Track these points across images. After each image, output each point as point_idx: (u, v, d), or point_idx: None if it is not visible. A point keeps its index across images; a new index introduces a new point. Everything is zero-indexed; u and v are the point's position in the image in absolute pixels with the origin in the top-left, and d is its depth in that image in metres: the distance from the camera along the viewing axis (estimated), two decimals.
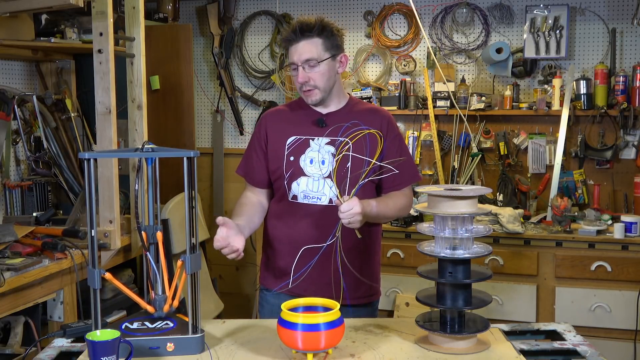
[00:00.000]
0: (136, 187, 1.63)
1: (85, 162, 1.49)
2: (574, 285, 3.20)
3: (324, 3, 4.06)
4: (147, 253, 1.65)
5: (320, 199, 2.02)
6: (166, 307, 1.63)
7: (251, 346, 1.60)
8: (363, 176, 1.93)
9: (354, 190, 1.87)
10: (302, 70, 1.99)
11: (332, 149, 2.02)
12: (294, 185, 2.04)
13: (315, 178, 2.02)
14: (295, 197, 2.05)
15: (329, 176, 2.00)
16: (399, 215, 2.13)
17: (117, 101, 2.76)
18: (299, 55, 1.98)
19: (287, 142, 2.06)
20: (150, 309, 1.64)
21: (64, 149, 3.23)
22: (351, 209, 1.80)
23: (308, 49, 1.98)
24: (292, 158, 2.05)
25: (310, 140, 2.05)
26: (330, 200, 2.01)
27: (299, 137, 2.06)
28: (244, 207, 2.09)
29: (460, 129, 3.75)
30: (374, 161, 1.97)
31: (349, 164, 1.98)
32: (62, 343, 1.68)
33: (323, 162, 2.02)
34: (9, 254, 2.48)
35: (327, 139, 2.03)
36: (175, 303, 1.65)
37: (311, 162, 2.03)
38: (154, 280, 1.65)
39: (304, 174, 2.03)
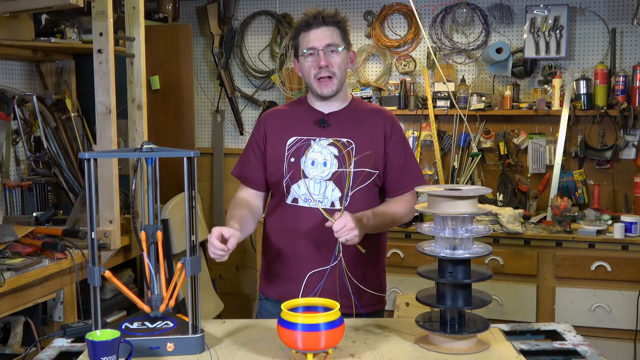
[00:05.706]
0: (133, 187, 1.63)
1: (85, 162, 1.49)
2: (574, 285, 3.20)
3: (324, 3, 4.05)
4: (144, 253, 1.65)
5: (321, 202, 1.95)
6: (162, 307, 1.63)
7: (251, 346, 1.60)
8: (346, 187, 1.91)
9: (342, 206, 1.82)
10: (324, 54, 1.95)
11: (335, 150, 1.96)
12: (294, 187, 1.97)
13: (317, 180, 1.96)
14: (295, 200, 1.98)
15: (331, 178, 1.95)
16: (400, 222, 2.06)
17: (117, 101, 2.77)
18: (321, 39, 1.95)
19: (288, 143, 2.00)
20: (146, 308, 1.64)
21: (64, 149, 3.22)
22: (344, 226, 1.75)
23: (329, 34, 1.96)
24: (292, 159, 1.98)
25: (312, 140, 1.98)
26: (333, 204, 1.95)
27: (299, 137, 2.00)
28: (239, 210, 2.01)
29: (460, 129, 3.75)
30: (378, 158, 1.93)
31: (352, 167, 1.94)
32: (62, 343, 1.68)
33: (325, 164, 1.95)
34: (9, 254, 2.48)
35: (329, 140, 1.98)
36: (172, 303, 1.65)
37: (312, 163, 1.96)
38: (152, 280, 1.65)
39: (305, 176, 1.96)
